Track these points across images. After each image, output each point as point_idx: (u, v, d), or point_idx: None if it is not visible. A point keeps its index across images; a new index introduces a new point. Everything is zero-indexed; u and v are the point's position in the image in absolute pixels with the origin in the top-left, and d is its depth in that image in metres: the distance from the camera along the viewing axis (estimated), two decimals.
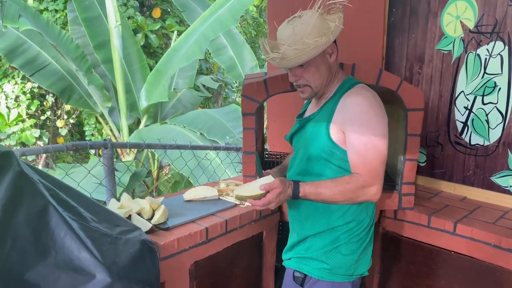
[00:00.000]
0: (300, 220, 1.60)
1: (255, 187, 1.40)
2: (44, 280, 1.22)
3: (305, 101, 1.82)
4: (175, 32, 8.32)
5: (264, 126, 2.90)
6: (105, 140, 2.34)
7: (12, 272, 1.17)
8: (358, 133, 1.41)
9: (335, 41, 1.52)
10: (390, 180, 2.13)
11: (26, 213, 1.25)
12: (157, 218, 1.66)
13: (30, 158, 7.65)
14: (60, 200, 1.34)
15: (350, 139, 1.43)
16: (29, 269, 1.21)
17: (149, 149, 6.11)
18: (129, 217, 1.65)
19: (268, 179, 1.44)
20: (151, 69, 7.01)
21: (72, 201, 1.39)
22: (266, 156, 2.58)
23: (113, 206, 1.69)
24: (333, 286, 1.52)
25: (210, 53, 7.85)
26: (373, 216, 1.60)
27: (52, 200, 1.31)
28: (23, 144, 7.50)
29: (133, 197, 1.77)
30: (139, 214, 1.69)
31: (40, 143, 7.73)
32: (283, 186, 1.40)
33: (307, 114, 1.70)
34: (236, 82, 9.95)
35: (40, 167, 7.40)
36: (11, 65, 6.48)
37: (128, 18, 7.80)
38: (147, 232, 1.56)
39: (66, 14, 7.22)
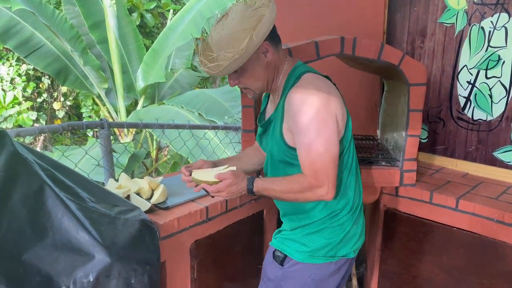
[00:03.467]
0: (291, 207, 1.55)
1: (212, 174, 1.44)
2: (42, 261, 1.20)
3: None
4: (171, 11, 8.18)
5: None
6: (101, 120, 2.30)
7: (9, 253, 1.16)
8: (300, 134, 1.35)
9: (272, 34, 1.38)
10: (391, 157, 2.10)
11: (21, 194, 1.23)
12: (157, 197, 1.64)
13: (28, 141, 7.62)
14: (57, 180, 1.32)
15: (295, 140, 1.39)
16: (27, 251, 1.19)
17: (147, 131, 6.08)
18: (128, 197, 1.63)
19: (230, 169, 1.45)
20: (147, 49, 6.91)
21: (69, 181, 1.36)
22: None
23: (111, 186, 1.66)
24: (312, 268, 1.49)
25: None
26: (357, 199, 1.52)
27: (48, 180, 1.28)
28: (20, 127, 7.45)
29: (132, 178, 1.75)
30: (138, 194, 1.67)
31: (37, 125, 7.68)
32: (234, 178, 1.41)
33: (268, 114, 1.61)
34: None
35: (38, 149, 7.38)
36: (5, 46, 6.38)
37: None
38: (147, 212, 1.54)
39: None
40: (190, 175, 1.49)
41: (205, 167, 1.56)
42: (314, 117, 1.32)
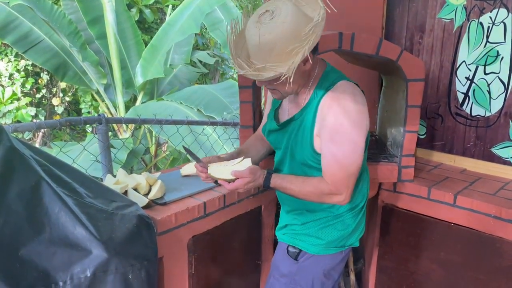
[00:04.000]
0: (302, 206, 1.58)
1: (229, 170, 1.43)
2: (39, 256, 1.20)
3: None
4: (170, 6, 8.15)
5: (262, 102, 2.85)
6: (99, 115, 2.30)
7: (6, 249, 1.15)
8: (329, 142, 1.36)
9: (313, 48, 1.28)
10: (389, 152, 2.10)
11: (18, 189, 1.22)
12: (154, 193, 1.64)
13: (27, 137, 7.61)
14: (54, 175, 1.32)
15: (322, 147, 1.40)
16: (24, 246, 1.19)
17: (146, 127, 6.08)
18: (125, 192, 1.63)
19: (245, 162, 1.45)
20: (146, 45, 6.89)
21: (66, 177, 1.36)
22: None
23: (109, 182, 1.66)
24: (325, 259, 1.57)
25: (206, 28, 7.71)
26: (367, 192, 1.64)
27: (45, 175, 1.28)
28: (19, 123, 7.44)
29: (131, 174, 1.74)
30: (135, 189, 1.67)
31: (36, 121, 7.67)
32: (252, 176, 1.41)
33: (285, 112, 1.57)
34: None
35: (37, 145, 7.37)
36: (3, 42, 6.35)
37: None
38: (144, 207, 1.54)
39: None
40: (206, 169, 1.48)
41: (219, 160, 1.55)
42: (348, 129, 1.34)
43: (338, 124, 1.34)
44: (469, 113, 2.18)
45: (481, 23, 2.06)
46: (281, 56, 1.24)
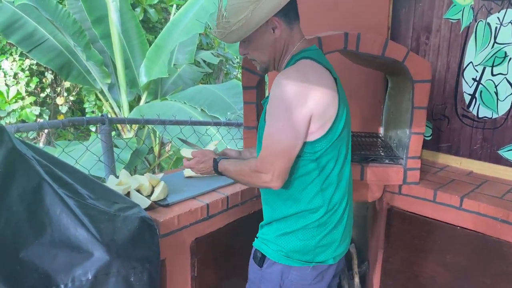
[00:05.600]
0: (266, 204, 1.52)
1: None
2: (40, 258, 1.19)
3: None
4: (174, 6, 8.14)
5: None
6: (102, 115, 2.29)
7: (6, 251, 1.14)
8: (267, 119, 1.33)
9: (287, 11, 1.35)
10: (394, 154, 2.08)
11: (19, 190, 1.21)
12: (157, 194, 1.63)
13: (31, 136, 7.63)
14: (55, 177, 1.30)
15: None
16: (25, 248, 1.18)
17: (150, 126, 6.07)
18: (128, 194, 1.62)
19: (211, 147, 1.65)
20: (150, 44, 6.88)
21: (68, 178, 1.35)
22: None
23: (111, 183, 1.65)
24: (292, 270, 1.42)
25: (210, 28, 7.69)
26: (337, 202, 1.42)
27: (47, 176, 1.27)
28: (23, 122, 7.45)
29: (135, 174, 1.74)
30: (138, 190, 1.66)
31: (40, 120, 7.68)
32: (202, 157, 1.55)
33: None
34: (237, 58, 9.80)
35: (41, 144, 7.39)
36: (8, 41, 6.37)
37: None
38: (146, 209, 1.52)
39: None
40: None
41: (229, 153, 1.68)
42: (282, 103, 1.28)
43: (275, 98, 1.30)
44: (476, 114, 2.15)
45: (488, 24, 2.03)
46: (235, 15, 1.30)
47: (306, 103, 1.28)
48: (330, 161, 1.38)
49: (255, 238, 1.56)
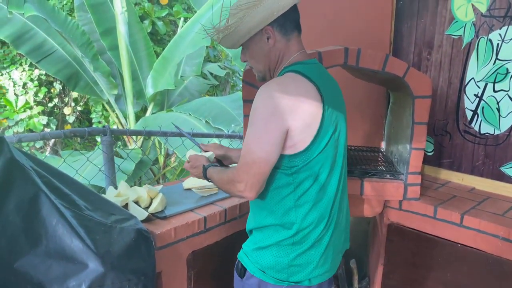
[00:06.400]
0: (251, 210, 1.51)
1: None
2: (34, 269, 1.19)
3: None
4: (182, 19, 8.24)
5: None
6: (104, 127, 2.31)
7: (1, 261, 1.15)
8: (247, 128, 1.33)
9: (283, 22, 1.36)
10: (395, 169, 2.07)
11: (16, 200, 1.22)
12: (155, 206, 1.63)
13: (38, 146, 7.70)
14: (53, 187, 1.32)
15: None
16: (20, 258, 1.18)
17: (156, 137, 6.10)
18: (126, 205, 1.62)
19: (207, 153, 1.66)
20: (157, 56, 6.96)
21: (65, 189, 1.36)
22: None
23: (110, 194, 1.66)
24: (266, 285, 1.40)
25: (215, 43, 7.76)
26: (313, 221, 1.36)
27: (44, 187, 1.28)
28: (31, 131, 7.53)
29: (140, 185, 1.74)
30: (136, 202, 1.66)
31: (48, 130, 7.76)
32: (194, 162, 1.58)
33: None
34: (243, 70, 9.85)
35: (47, 154, 7.44)
36: (18, 52, 6.47)
37: (135, 4, 7.73)
38: (144, 221, 1.53)
39: (73, 0, 7.17)
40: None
41: (217, 150, 1.70)
42: (260, 115, 1.29)
43: (254, 108, 1.31)
44: (477, 130, 2.14)
45: (490, 40, 2.03)
46: (230, 17, 1.35)
47: (283, 116, 1.26)
48: (307, 179, 1.34)
49: (241, 249, 1.54)
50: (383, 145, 2.48)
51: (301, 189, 1.34)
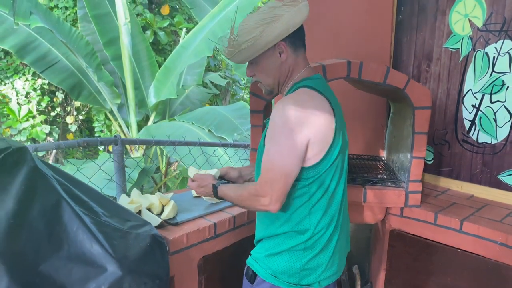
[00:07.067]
0: (259, 221, 1.58)
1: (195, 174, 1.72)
2: (57, 272, 1.25)
3: None
4: (184, 29, 8.35)
5: None
6: (115, 136, 2.38)
7: (27, 263, 1.21)
8: (267, 143, 1.38)
9: (294, 37, 1.42)
10: (396, 178, 2.14)
11: (40, 207, 1.28)
12: (167, 213, 1.69)
13: (40, 153, 7.75)
14: (73, 195, 1.38)
15: None
16: (43, 261, 1.24)
17: (157, 146, 6.17)
18: (139, 212, 1.69)
19: (212, 172, 1.73)
20: (159, 66, 7.05)
21: (84, 196, 1.42)
22: None
23: (123, 201, 1.72)
24: None
25: (218, 50, 7.87)
26: (324, 226, 1.44)
27: (65, 194, 1.34)
28: (33, 140, 7.60)
29: (142, 192, 1.81)
30: (149, 209, 1.73)
31: (50, 139, 7.82)
32: (200, 182, 1.64)
33: None
34: (244, 79, 9.96)
35: (50, 162, 7.49)
36: (22, 62, 6.55)
37: (137, 15, 7.85)
38: (157, 227, 1.59)
39: (76, 11, 7.28)
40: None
41: (232, 172, 1.77)
42: (282, 129, 1.33)
43: (274, 123, 1.36)
44: (475, 140, 2.22)
45: (486, 53, 2.11)
46: (247, 32, 1.37)
47: (304, 129, 1.33)
48: (320, 188, 1.41)
49: (249, 255, 1.60)
50: (384, 153, 2.55)
51: (314, 198, 1.42)
